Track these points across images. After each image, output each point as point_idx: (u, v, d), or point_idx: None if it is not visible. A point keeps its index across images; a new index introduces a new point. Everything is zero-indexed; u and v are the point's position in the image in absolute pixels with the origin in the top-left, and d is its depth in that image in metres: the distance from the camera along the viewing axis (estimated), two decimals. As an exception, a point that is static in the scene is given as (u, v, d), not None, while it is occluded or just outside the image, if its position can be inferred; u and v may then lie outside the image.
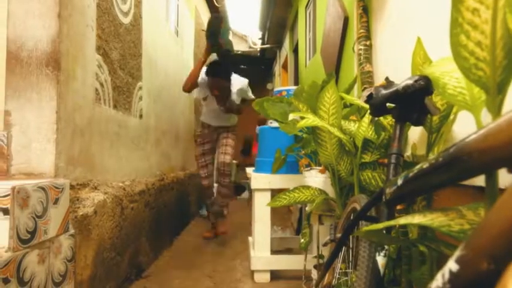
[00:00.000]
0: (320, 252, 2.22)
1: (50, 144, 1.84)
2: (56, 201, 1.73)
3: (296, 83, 6.22)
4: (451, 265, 0.52)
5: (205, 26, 6.83)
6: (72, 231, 1.86)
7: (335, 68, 3.07)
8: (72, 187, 1.93)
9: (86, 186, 2.14)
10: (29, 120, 1.83)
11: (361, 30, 2.39)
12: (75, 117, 2.02)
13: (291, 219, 5.06)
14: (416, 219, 0.79)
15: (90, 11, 2.19)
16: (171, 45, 4.36)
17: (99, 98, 2.31)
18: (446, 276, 0.52)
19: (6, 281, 1.37)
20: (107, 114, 2.44)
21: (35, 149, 1.84)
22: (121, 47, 2.67)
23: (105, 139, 2.39)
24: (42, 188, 1.62)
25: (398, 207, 1.35)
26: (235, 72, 3.98)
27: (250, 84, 4.07)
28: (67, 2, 1.92)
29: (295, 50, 6.32)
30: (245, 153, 9.12)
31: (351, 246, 1.51)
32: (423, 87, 1.00)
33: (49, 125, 1.84)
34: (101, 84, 2.34)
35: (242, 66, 11.31)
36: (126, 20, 2.77)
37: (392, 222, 0.83)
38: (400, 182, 0.88)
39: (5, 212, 1.43)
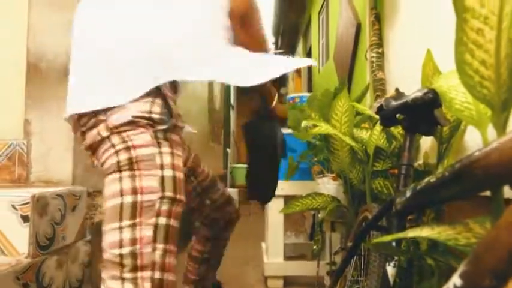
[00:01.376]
0: (332, 259, 2.23)
1: (67, 152, 1.89)
2: (74, 209, 1.77)
3: (309, 88, 6.24)
4: (456, 280, 0.54)
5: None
6: (88, 237, 1.90)
7: (348, 75, 3.08)
8: (88, 194, 1.98)
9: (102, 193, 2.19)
10: (48, 129, 1.89)
11: (374, 38, 2.40)
12: (92, 126, 2.07)
13: (304, 224, 5.07)
14: (425, 232, 0.80)
15: (106, 22, 2.24)
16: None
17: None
18: (451, 290, 0.54)
19: (26, 286, 1.41)
20: (123, 122, 2.48)
21: (54, 157, 1.89)
22: (136, 55, 2.72)
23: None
24: (61, 196, 1.67)
25: (410, 217, 1.36)
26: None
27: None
28: (84, 14, 1.97)
29: (309, 55, 6.33)
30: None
31: (362, 254, 1.52)
32: (432, 100, 1.01)
33: (67, 133, 1.89)
34: (117, 93, 2.39)
35: (256, 71, 11.34)
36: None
37: (401, 235, 0.84)
38: (408, 193, 0.90)
39: (25, 219, 1.48)
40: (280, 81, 11.15)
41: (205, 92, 5.76)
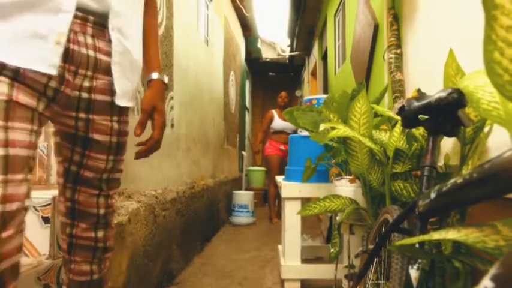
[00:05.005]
0: (351, 262, 2.21)
1: (87, 154, 1.90)
2: (93, 210, 1.78)
3: (325, 90, 6.21)
4: (487, 283, 0.52)
5: (234, 35, 6.90)
6: (107, 239, 1.91)
7: (365, 76, 3.06)
8: (107, 196, 1.99)
9: (120, 195, 2.20)
10: (67, 131, 1.90)
11: (392, 39, 2.37)
12: (111, 128, 2.08)
13: (320, 227, 5.04)
14: (450, 234, 0.79)
15: (124, 25, 2.26)
16: (201, 54, 4.44)
17: (132, 109, 2.37)
18: (482, 294, 0.52)
19: (47, 287, 1.43)
20: (140, 124, 2.50)
21: (73, 159, 1.90)
22: (154, 58, 2.74)
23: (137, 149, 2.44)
24: (80, 197, 1.68)
25: (431, 219, 1.34)
26: (264, 79, 2.29)
27: (279, 90, 3.21)
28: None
29: (324, 57, 6.31)
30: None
31: (382, 257, 1.50)
32: (456, 100, 1.00)
33: (86, 136, 1.91)
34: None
35: (271, 74, 11.37)
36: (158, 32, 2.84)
37: (426, 237, 0.83)
38: (433, 195, 0.88)
39: (46, 220, 1.49)
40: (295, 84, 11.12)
41: (221, 95, 5.78)
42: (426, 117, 1.18)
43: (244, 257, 3.76)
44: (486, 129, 1.27)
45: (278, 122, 6.02)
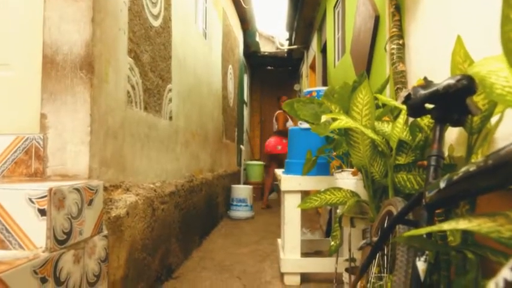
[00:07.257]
0: (352, 256, 2.18)
1: (84, 146, 1.87)
2: (90, 203, 1.75)
3: (324, 83, 6.17)
4: (507, 274, 0.50)
5: (233, 28, 6.85)
6: (105, 232, 1.88)
7: (366, 68, 3.02)
8: (105, 188, 1.96)
9: (119, 188, 2.17)
10: (64, 122, 1.87)
11: (394, 29, 2.34)
12: (108, 120, 2.05)
13: (319, 221, 5.02)
14: (461, 224, 0.76)
15: (122, 15, 2.22)
16: (199, 46, 4.39)
17: (130, 100, 2.34)
18: (501, 285, 0.49)
19: (43, 280, 1.40)
20: (138, 117, 2.47)
21: (70, 151, 1.87)
22: (151, 49, 2.70)
23: (136, 141, 2.42)
24: (77, 190, 1.65)
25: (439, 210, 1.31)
26: (263, 73, 2.51)
27: (277, 84, 3.47)
28: (100, 7, 1.95)
29: (323, 50, 6.26)
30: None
31: (385, 250, 1.47)
32: (466, 86, 0.96)
33: (83, 127, 1.87)
34: (132, 87, 2.37)
35: (269, 67, 11.31)
36: (156, 23, 2.80)
37: (435, 228, 0.80)
38: (442, 185, 0.85)
39: (42, 213, 1.46)
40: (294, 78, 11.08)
41: (219, 89, 5.74)
42: (432, 106, 1.15)
43: (243, 251, 3.74)
44: (492, 119, 1.24)
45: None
